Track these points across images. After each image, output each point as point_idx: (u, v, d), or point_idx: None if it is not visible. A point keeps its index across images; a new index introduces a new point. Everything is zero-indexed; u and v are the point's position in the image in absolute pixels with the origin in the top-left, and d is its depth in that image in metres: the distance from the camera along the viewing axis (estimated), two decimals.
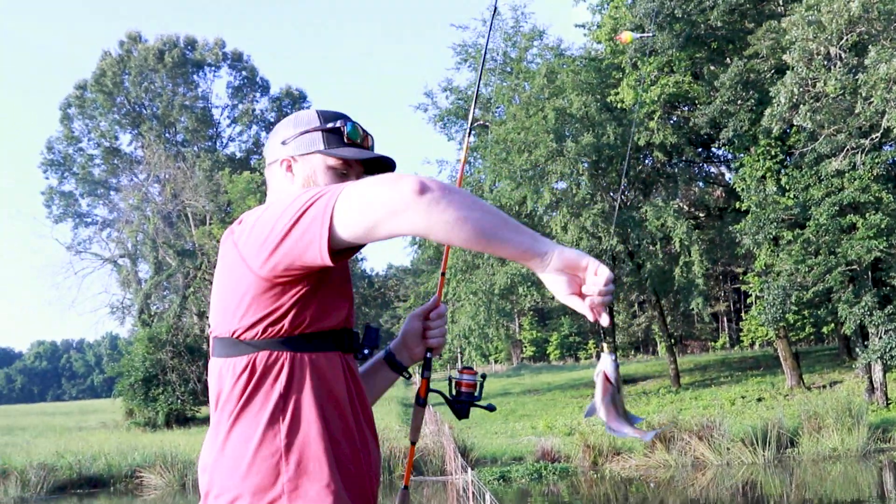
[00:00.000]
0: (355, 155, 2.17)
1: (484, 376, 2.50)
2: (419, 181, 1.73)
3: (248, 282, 1.93)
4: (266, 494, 1.91)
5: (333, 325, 2.02)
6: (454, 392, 2.43)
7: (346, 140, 2.19)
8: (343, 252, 1.85)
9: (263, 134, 57.87)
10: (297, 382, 1.96)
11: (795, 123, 23.63)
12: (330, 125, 2.20)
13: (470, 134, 2.39)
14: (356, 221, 1.77)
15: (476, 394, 2.44)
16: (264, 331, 1.94)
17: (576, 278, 1.80)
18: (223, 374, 1.99)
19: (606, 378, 2.00)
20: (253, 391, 1.96)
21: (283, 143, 2.22)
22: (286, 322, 1.94)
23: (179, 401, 35.12)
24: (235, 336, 1.96)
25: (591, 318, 1.82)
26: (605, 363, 2.00)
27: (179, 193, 44.69)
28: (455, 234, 1.72)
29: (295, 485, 1.91)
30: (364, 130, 2.24)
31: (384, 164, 2.24)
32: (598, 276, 1.76)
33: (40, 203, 58.04)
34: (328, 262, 1.80)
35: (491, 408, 2.49)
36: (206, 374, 2.09)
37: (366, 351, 2.18)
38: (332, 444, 1.96)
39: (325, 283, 1.98)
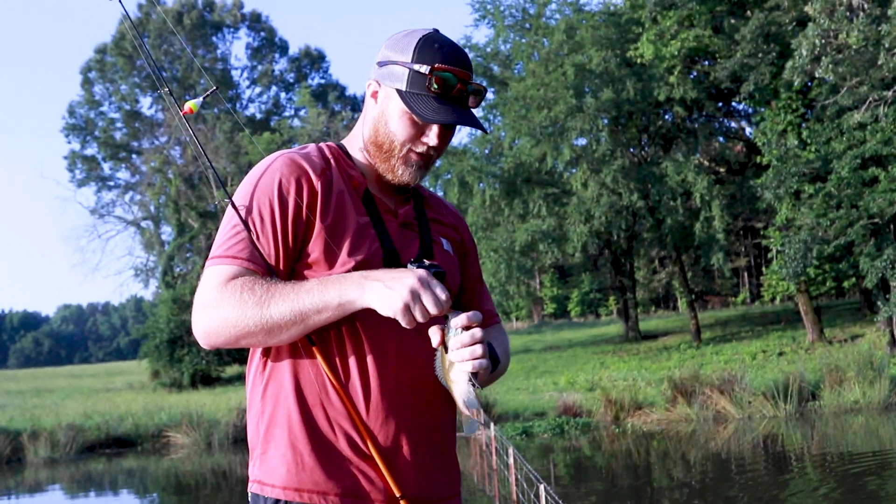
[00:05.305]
0: (425, 116, 1.90)
1: None
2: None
3: None
4: (254, 451, 1.99)
5: None
6: None
7: (430, 89, 1.90)
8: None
9: (283, 95, 57.90)
10: (276, 349, 1.96)
11: (817, 76, 23.38)
12: (417, 67, 1.90)
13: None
14: None
15: None
16: None
17: None
18: None
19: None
20: (253, 349, 2.03)
21: (379, 63, 1.98)
22: None
23: (204, 361, 35.45)
24: None
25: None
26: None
27: (200, 156, 44.79)
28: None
29: (264, 448, 1.96)
30: (460, 79, 1.90)
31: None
32: None
33: (63, 167, 58.50)
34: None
35: None
36: None
37: None
38: (303, 412, 1.92)
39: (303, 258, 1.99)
